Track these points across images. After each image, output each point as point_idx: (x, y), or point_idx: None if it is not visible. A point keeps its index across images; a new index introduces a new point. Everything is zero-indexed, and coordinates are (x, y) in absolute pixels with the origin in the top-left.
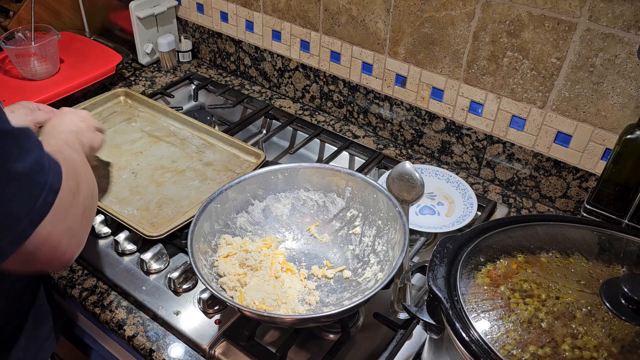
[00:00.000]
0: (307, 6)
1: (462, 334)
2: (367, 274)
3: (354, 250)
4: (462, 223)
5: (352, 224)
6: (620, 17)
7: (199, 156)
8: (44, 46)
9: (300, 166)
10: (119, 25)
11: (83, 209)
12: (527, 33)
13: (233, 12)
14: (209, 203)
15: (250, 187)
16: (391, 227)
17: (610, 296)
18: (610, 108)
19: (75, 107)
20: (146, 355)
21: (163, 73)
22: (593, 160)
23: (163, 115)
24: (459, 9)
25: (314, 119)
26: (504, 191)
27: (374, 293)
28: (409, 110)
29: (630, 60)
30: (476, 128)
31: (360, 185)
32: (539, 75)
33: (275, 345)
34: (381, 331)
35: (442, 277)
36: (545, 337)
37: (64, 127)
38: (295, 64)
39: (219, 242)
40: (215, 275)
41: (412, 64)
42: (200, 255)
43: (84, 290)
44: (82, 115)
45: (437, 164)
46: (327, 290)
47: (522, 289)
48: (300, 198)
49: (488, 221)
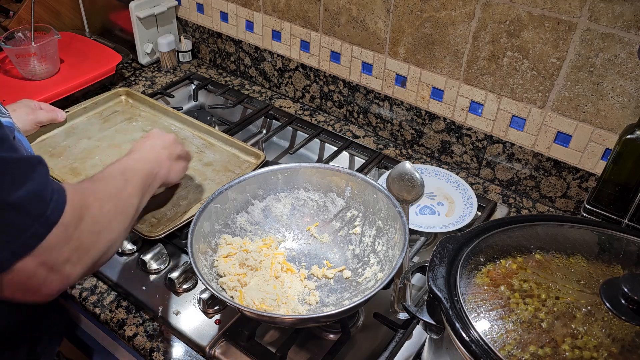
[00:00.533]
0: (307, 6)
1: (462, 334)
2: (367, 274)
3: (354, 250)
4: (462, 223)
5: (352, 224)
6: (620, 17)
7: (199, 156)
8: (44, 46)
9: (300, 166)
10: (119, 25)
11: (76, 245)
12: (527, 33)
13: (233, 12)
14: (209, 203)
15: (250, 187)
16: (391, 227)
17: (610, 296)
18: (610, 108)
19: (76, 106)
20: (146, 355)
21: (163, 73)
22: (593, 160)
23: (164, 115)
24: (459, 9)
25: (314, 119)
26: (504, 191)
27: (374, 293)
28: (409, 110)
29: (630, 60)
30: (476, 128)
31: (360, 185)
32: (539, 75)
33: (275, 345)
34: (381, 331)
35: (442, 277)
36: (545, 337)
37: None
38: (295, 64)
39: (219, 242)
40: (215, 275)
41: (412, 64)
42: (200, 255)
43: (84, 290)
44: (167, 142)
45: (437, 164)
46: (327, 290)
47: (522, 289)
48: (300, 198)
49: (488, 221)
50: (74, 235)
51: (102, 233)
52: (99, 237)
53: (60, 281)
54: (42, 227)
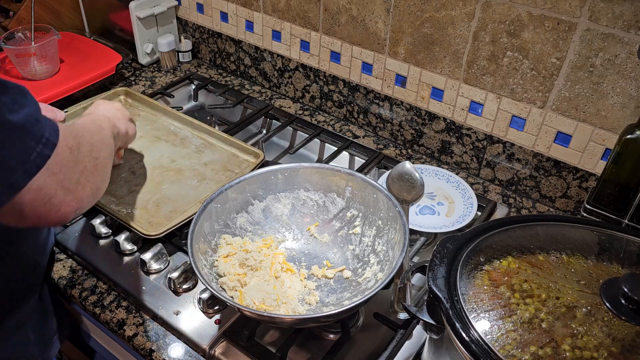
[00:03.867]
0: (307, 6)
1: (462, 334)
2: (367, 274)
3: (354, 250)
4: (462, 223)
5: (352, 224)
6: (620, 17)
7: (199, 156)
8: (44, 46)
9: (300, 166)
10: (119, 25)
11: (82, 168)
12: (527, 33)
13: (233, 12)
14: (209, 203)
15: (250, 187)
16: (391, 227)
17: (610, 296)
18: (610, 108)
19: (75, 105)
20: (146, 355)
21: (163, 73)
22: (593, 160)
23: (163, 115)
24: (459, 9)
25: (314, 119)
26: (504, 191)
27: (374, 293)
28: (409, 110)
29: (630, 60)
30: (476, 128)
31: (360, 185)
32: (539, 75)
33: (275, 345)
34: (381, 331)
35: (442, 277)
36: (546, 337)
37: (98, 113)
38: (295, 64)
39: (219, 242)
40: (215, 275)
41: (412, 64)
42: (200, 255)
43: (84, 290)
44: (117, 106)
45: (437, 164)
46: (327, 290)
47: (522, 289)
48: (300, 198)
49: (488, 221)
50: (78, 158)
51: (99, 160)
52: (97, 163)
53: (75, 201)
54: (45, 148)
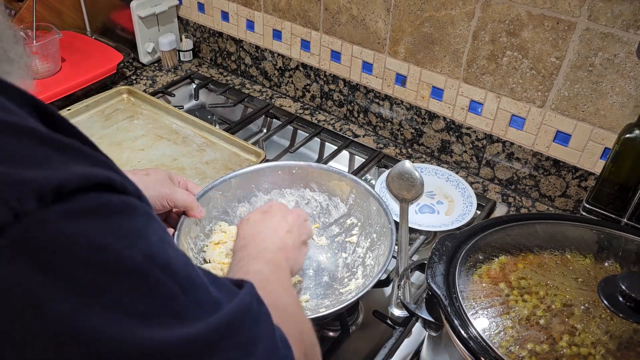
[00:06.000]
0: (308, 5)
1: (460, 332)
2: (351, 286)
3: (346, 259)
4: (462, 222)
5: (350, 231)
6: (619, 17)
7: (200, 154)
8: (45, 45)
9: (309, 165)
10: (120, 25)
11: None
12: (526, 32)
13: (234, 11)
14: (208, 190)
15: (256, 179)
16: (382, 243)
17: (608, 294)
18: (610, 107)
19: (78, 104)
20: None
21: (164, 72)
22: (592, 159)
23: (165, 114)
24: (459, 8)
25: (314, 118)
26: (503, 190)
27: (344, 305)
28: (408, 109)
29: (629, 59)
30: (476, 127)
31: (363, 195)
32: (539, 74)
33: None
34: (380, 329)
35: (441, 274)
36: (543, 334)
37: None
38: (295, 63)
39: (214, 228)
40: (201, 260)
41: (412, 64)
42: (189, 239)
43: None
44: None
45: (437, 163)
46: (310, 295)
47: (521, 287)
48: (305, 197)
49: (487, 219)
50: None
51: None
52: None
53: None
54: None
